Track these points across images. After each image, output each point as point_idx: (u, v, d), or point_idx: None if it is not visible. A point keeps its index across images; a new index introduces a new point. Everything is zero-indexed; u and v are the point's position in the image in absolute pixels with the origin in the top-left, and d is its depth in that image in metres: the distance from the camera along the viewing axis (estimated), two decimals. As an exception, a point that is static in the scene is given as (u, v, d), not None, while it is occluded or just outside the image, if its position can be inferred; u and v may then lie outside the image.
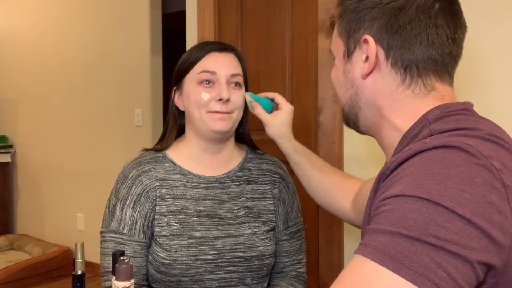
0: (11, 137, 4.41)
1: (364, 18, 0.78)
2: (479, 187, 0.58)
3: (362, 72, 0.79)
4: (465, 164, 0.59)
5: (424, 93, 0.76)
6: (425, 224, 0.56)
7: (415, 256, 0.55)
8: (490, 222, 0.57)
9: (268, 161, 1.31)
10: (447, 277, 0.54)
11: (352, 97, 0.83)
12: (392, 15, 0.75)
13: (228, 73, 1.16)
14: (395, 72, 0.76)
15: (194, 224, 1.16)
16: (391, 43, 0.76)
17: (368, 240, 0.59)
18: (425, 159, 0.62)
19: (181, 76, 1.20)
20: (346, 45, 0.81)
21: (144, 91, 3.50)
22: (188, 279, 1.12)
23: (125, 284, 0.76)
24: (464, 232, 0.55)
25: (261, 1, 2.07)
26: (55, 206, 4.07)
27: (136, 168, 1.19)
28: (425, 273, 0.54)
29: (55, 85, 4.03)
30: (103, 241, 1.17)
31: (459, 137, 0.63)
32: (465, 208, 0.56)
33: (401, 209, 0.58)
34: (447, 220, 0.56)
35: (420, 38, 0.74)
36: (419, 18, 0.74)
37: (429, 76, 0.76)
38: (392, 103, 0.78)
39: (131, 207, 1.15)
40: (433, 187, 0.57)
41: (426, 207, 0.56)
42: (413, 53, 0.75)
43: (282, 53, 2.01)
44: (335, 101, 1.79)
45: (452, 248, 0.55)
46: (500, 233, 0.57)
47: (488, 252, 0.57)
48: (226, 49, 1.20)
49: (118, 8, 3.60)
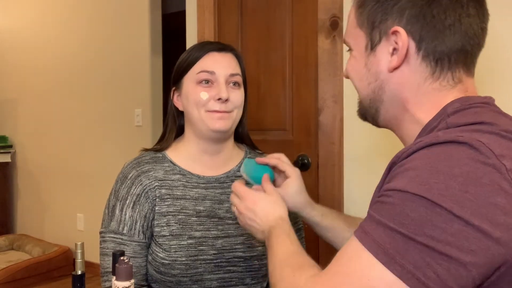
0: (11, 137, 4.41)
1: (392, 9, 0.73)
2: (484, 188, 0.56)
3: (390, 65, 0.75)
4: (472, 163, 0.58)
5: (451, 86, 0.74)
6: (422, 224, 0.56)
7: (407, 254, 0.56)
8: (494, 223, 0.56)
9: (268, 161, 1.31)
10: (436, 278, 0.55)
11: (375, 91, 0.78)
12: (425, 4, 0.72)
13: (227, 73, 1.16)
14: (425, 64, 0.73)
15: (194, 224, 1.16)
16: (423, 35, 0.72)
17: (368, 228, 0.61)
18: (433, 154, 0.61)
19: (180, 76, 1.20)
20: (369, 36, 0.77)
21: (144, 91, 3.50)
22: (188, 279, 1.12)
23: (125, 284, 0.76)
24: (461, 233, 0.55)
25: (261, 1, 2.07)
26: (55, 206, 4.07)
27: (136, 168, 1.19)
28: (413, 271, 0.56)
29: (55, 85, 4.03)
30: (102, 241, 1.17)
31: (472, 133, 0.61)
32: (465, 209, 0.55)
33: (401, 205, 0.58)
34: (444, 221, 0.56)
35: (454, 29, 0.72)
36: (453, 8, 0.71)
37: (459, 68, 0.74)
38: (417, 96, 0.75)
39: (131, 207, 1.15)
40: (435, 186, 0.57)
41: (425, 206, 0.56)
42: (446, 45, 0.72)
43: (282, 53, 2.01)
44: (335, 101, 1.79)
45: (444, 249, 0.55)
46: (505, 234, 0.56)
47: (490, 253, 0.56)
48: (225, 49, 1.20)
49: (118, 8, 3.60)
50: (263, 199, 0.96)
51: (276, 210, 0.94)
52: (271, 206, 0.95)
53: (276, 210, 0.94)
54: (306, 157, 1.92)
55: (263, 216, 0.94)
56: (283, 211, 0.95)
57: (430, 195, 0.57)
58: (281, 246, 0.84)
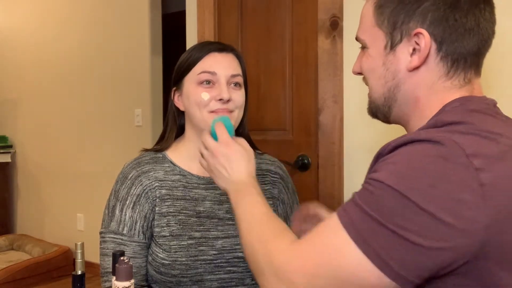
0: (11, 137, 4.40)
1: (415, 11, 0.76)
2: (451, 185, 0.62)
3: (410, 65, 0.78)
4: (443, 161, 0.63)
5: (460, 85, 0.78)
6: (392, 213, 0.63)
7: (376, 236, 0.64)
8: (458, 216, 0.61)
9: (267, 161, 1.31)
10: (397, 259, 0.63)
11: (391, 89, 0.81)
12: (448, 8, 0.75)
13: (228, 74, 1.16)
14: (442, 64, 0.77)
15: (194, 224, 1.16)
16: (445, 37, 0.76)
17: (348, 208, 0.68)
18: (411, 151, 0.67)
19: (181, 76, 1.20)
20: (389, 36, 0.79)
21: (144, 91, 3.50)
22: (188, 280, 1.12)
23: (125, 284, 0.76)
24: (425, 224, 0.62)
25: (261, 1, 2.07)
26: (55, 206, 4.07)
27: (136, 168, 1.19)
28: (378, 251, 0.63)
29: (55, 85, 4.02)
30: (102, 242, 1.17)
31: (450, 133, 0.66)
32: (431, 203, 0.62)
33: (378, 194, 0.65)
34: (411, 212, 0.62)
35: (474, 32, 0.75)
36: (473, 12, 0.75)
37: (471, 69, 0.78)
38: (429, 95, 0.78)
39: (131, 208, 1.15)
40: (408, 180, 0.63)
41: (397, 198, 0.63)
42: (465, 47, 0.76)
43: (282, 54, 2.01)
44: (335, 101, 1.79)
45: (408, 236, 0.62)
46: (471, 226, 0.62)
47: (453, 243, 0.62)
48: (226, 50, 1.20)
49: (118, 8, 3.60)
50: (241, 152, 0.97)
51: (250, 167, 0.97)
52: (247, 162, 0.96)
53: (250, 167, 0.97)
54: (306, 157, 1.92)
55: (236, 168, 0.95)
56: (254, 171, 0.98)
57: (402, 188, 0.63)
58: (256, 205, 0.88)
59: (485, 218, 0.62)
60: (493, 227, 0.63)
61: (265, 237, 0.80)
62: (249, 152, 0.99)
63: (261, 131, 2.03)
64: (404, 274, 0.63)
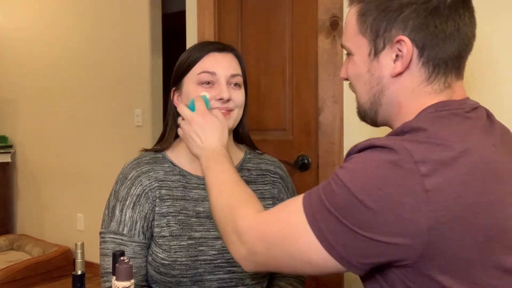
0: (11, 137, 4.40)
1: (396, 19, 0.79)
2: (396, 188, 0.68)
3: (394, 71, 0.81)
4: (392, 166, 0.69)
5: (440, 89, 0.81)
6: (342, 206, 0.71)
7: (326, 222, 0.72)
8: (399, 217, 0.68)
9: (267, 161, 1.31)
10: (342, 245, 0.71)
11: (376, 94, 0.84)
12: (428, 15, 0.77)
13: (227, 74, 1.16)
14: (424, 70, 0.80)
15: (194, 225, 1.16)
16: (426, 43, 0.78)
17: (313, 195, 0.76)
18: (369, 155, 0.73)
19: (180, 76, 1.19)
20: (373, 43, 0.82)
21: (144, 91, 3.50)
22: (188, 280, 1.12)
23: (125, 284, 0.76)
24: (368, 220, 0.69)
25: (261, 1, 2.07)
26: (55, 206, 4.07)
27: (136, 168, 1.19)
28: (327, 235, 0.72)
29: (55, 85, 4.02)
30: (102, 242, 1.16)
31: (406, 141, 0.72)
32: (375, 203, 0.68)
33: (335, 189, 0.73)
34: (357, 208, 0.70)
35: (454, 37, 0.78)
36: (453, 18, 0.78)
37: (452, 73, 0.81)
38: (411, 99, 0.81)
39: (131, 208, 1.15)
40: (359, 181, 0.71)
41: (348, 194, 0.71)
42: (446, 52, 0.79)
43: (282, 53, 2.01)
44: (335, 101, 1.79)
45: (353, 227, 0.70)
46: (410, 228, 0.68)
47: (394, 240, 0.68)
48: (226, 49, 1.20)
49: (118, 8, 3.60)
50: (215, 123, 1.05)
51: (223, 138, 1.04)
52: (220, 132, 1.04)
53: (222, 138, 1.04)
54: (306, 157, 1.92)
55: (210, 137, 1.03)
56: (226, 141, 1.05)
57: (353, 187, 0.70)
58: (226, 172, 0.96)
59: (427, 221, 0.67)
60: (436, 231, 0.68)
61: (232, 203, 0.88)
62: (223, 123, 1.06)
63: (261, 131, 2.03)
64: (348, 258, 0.72)
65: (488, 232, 0.70)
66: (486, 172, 0.71)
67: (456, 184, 0.69)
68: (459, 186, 0.69)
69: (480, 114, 0.80)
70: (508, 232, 0.72)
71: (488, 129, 0.79)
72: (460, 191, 0.68)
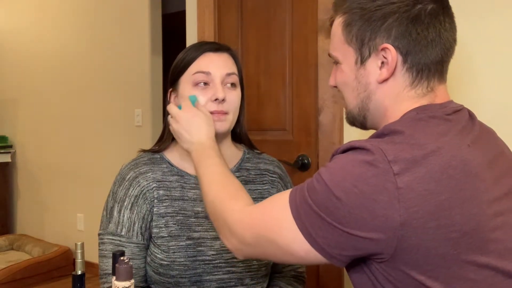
0: (11, 137, 4.41)
1: (380, 28, 0.83)
2: (370, 186, 0.72)
3: (380, 77, 0.84)
4: (367, 166, 0.73)
5: (423, 94, 0.84)
6: (321, 201, 0.76)
7: (308, 215, 0.77)
8: (373, 214, 0.72)
9: (266, 161, 1.30)
10: (323, 237, 0.76)
11: (363, 100, 0.88)
12: (410, 23, 0.81)
13: (223, 73, 1.16)
14: (408, 75, 0.84)
15: (192, 225, 1.16)
16: (410, 50, 0.82)
17: (299, 191, 0.81)
18: (348, 156, 0.78)
19: (177, 77, 1.19)
20: (359, 52, 0.86)
21: (144, 91, 3.50)
22: (187, 280, 1.12)
23: (125, 284, 0.76)
24: (344, 215, 0.73)
25: (261, 1, 2.07)
26: (55, 206, 4.07)
27: (133, 169, 1.18)
28: (309, 228, 0.77)
29: (55, 85, 4.03)
30: (101, 243, 1.16)
31: (383, 143, 0.76)
32: (350, 199, 0.73)
33: (316, 186, 0.78)
34: (333, 204, 0.74)
35: (435, 43, 0.82)
36: (434, 24, 0.82)
37: (434, 78, 0.84)
38: (396, 103, 0.85)
39: (129, 209, 1.15)
40: (336, 178, 0.75)
41: (326, 191, 0.75)
42: (429, 57, 0.82)
43: (282, 53, 2.00)
44: (335, 101, 1.79)
45: (330, 220, 0.74)
46: (384, 223, 0.71)
47: (370, 235, 0.73)
48: (221, 49, 1.19)
49: (118, 8, 3.60)
50: (200, 116, 1.09)
51: (209, 130, 1.09)
52: (206, 125, 1.09)
53: (209, 131, 1.09)
54: (306, 157, 1.92)
55: (196, 131, 1.08)
56: (213, 133, 1.09)
57: (331, 184, 0.75)
58: (215, 167, 1.00)
59: (400, 217, 0.71)
60: (409, 226, 0.71)
61: (222, 197, 0.93)
62: (208, 116, 1.10)
63: (261, 131, 2.03)
64: (328, 250, 0.76)
65: (462, 228, 0.72)
66: (459, 170, 0.74)
67: (428, 182, 0.72)
68: (431, 183, 0.72)
69: (461, 116, 0.84)
70: (482, 228, 0.74)
71: (468, 130, 0.82)
72: (431, 188, 0.71)
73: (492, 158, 0.82)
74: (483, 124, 0.90)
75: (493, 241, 0.75)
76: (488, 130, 0.90)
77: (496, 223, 0.76)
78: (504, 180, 0.82)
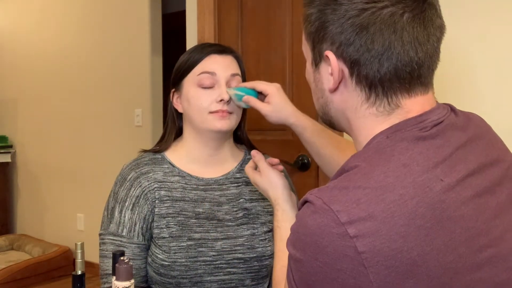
0: (11, 137, 4.41)
1: (326, 32, 0.72)
2: (329, 256, 0.62)
3: (329, 86, 0.75)
4: (321, 233, 0.63)
5: (388, 111, 0.72)
6: (298, 280, 0.67)
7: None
8: (343, 284, 0.62)
9: (267, 162, 1.30)
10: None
11: (323, 105, 0.79)
12: (354, 32, 0.69)
13: (227, 74, 1.17)
14: (359, 89, 0.72)
15: (193, 226, 1.16)
16: (354, 61, 0.70)
17: (288, 273, 0.71)
18: (303, 214, 0.67)
19: (180, 78, 1.20)
20: (312, 53, 0.78)
21: (144, 91, 3.50)
22: (188, 281, 1.12)
23: (125, 284, 0.76)
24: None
25: (261, 1, 2.07)
26: (55, 206, 4.07)
27: (135, 170, 1.19)
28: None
29: (55, 85, 4.03)
30: (102, 244, 1.16)
31: (334, 191, 0.65)
32: (318, 274, 0.64)
33: (292, 267, 0.69)
34: (309, 280, 0.65)
35: (386, 56, 0.69)
36: (383, 36, 0.68)
37: (396, 93, 0.71)
38: (357, 119, 0.75)
39: (130, 209, 1.15)
40: (299, 250, 0.66)
41: (297, 268, 0.67)
42: (378, 72, 0.70)
43: (282, 53, 2.00)
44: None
45: None
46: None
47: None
48: (225, 51, 1.21)
49: (118, 8, 3.60)
50: (260, 182, 1.06)
51: (284, 190, 1.03)
52: (282, 186, 1.04)
53: (284, 190, 1.03)
54: (306, 157, 1.92)
55: (274, 192, 1.03)
56: (279, 192, 1.03)
57: (296, 259, 0.67)
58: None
59: (374, 282, 0.61)
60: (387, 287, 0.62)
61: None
62: (282, 178, 1.05)
63: (261, 131, 2.03)
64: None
65: (441, 279, 0.63)
66: (428, 217, 0.63)
67: (393, 240, 0.61)
68: (398, 240, 0.61)
69: (442, 130, 0.70)
70: (461, 275, 0.64)
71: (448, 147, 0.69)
72: (399, 246, 0.61)
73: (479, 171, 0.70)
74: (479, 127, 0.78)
75: (477, 282, 0.65)
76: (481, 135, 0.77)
77: (482, 259, 0.66)
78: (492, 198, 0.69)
